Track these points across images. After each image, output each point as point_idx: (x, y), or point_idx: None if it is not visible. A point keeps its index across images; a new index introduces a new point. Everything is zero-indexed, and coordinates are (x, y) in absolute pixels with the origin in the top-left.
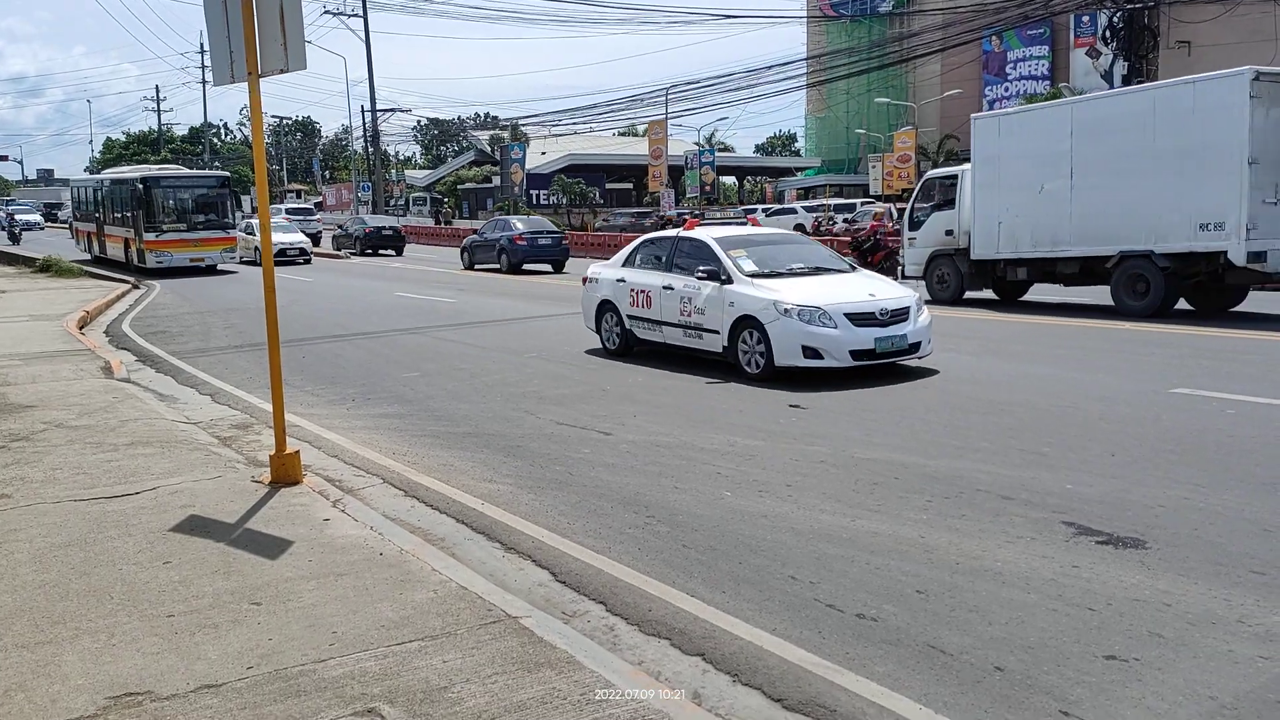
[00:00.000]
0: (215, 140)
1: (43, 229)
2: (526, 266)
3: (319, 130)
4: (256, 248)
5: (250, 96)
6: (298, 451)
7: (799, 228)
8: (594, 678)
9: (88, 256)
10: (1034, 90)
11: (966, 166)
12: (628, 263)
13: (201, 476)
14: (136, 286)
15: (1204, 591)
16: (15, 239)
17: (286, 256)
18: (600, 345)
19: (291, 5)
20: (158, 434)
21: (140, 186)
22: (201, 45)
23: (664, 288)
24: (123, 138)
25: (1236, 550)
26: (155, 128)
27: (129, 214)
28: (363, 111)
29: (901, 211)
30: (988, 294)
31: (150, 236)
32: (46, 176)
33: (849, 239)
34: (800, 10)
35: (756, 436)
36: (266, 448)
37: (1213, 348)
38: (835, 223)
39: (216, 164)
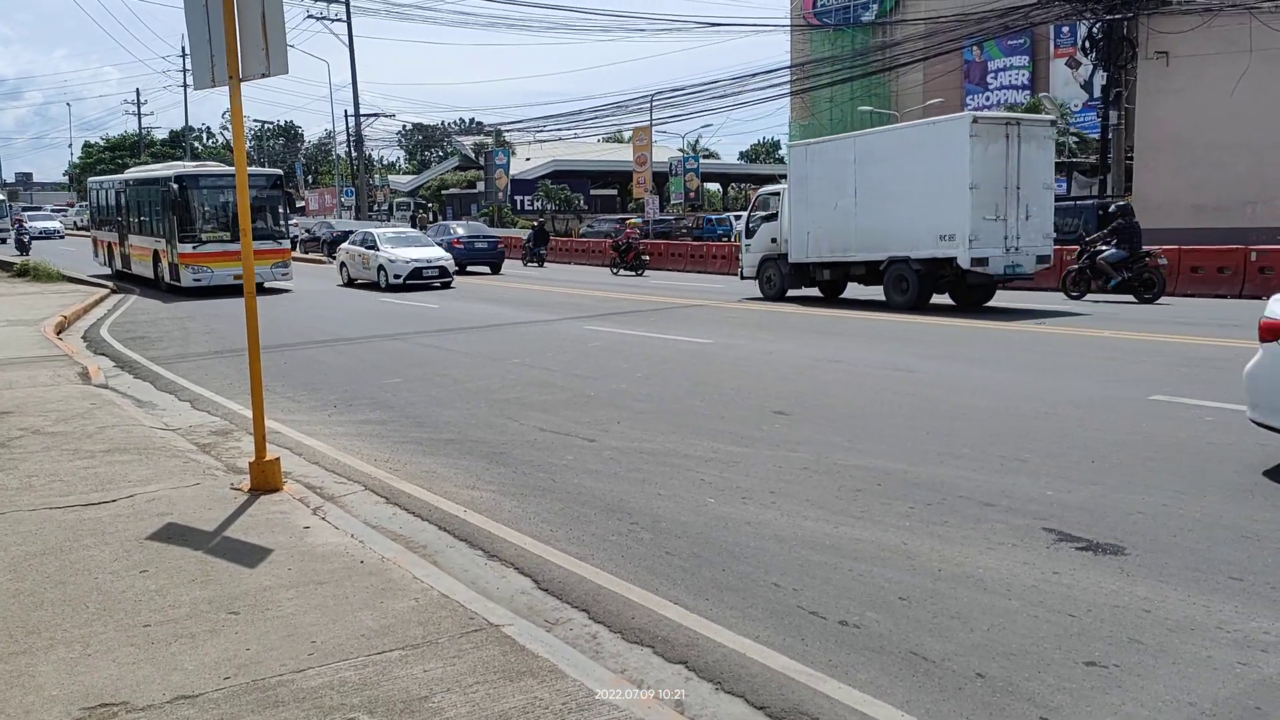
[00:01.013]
0: (197, 144)
1: (62, 238)
2: (470, 269)
3: (302, 135)
4: (381, 266)
5: (231, 100)
6: (278, 458)
7: None
8: (576, 686)
9: (108, 271)
10: (1015, 100)
11: (786, 185)
12: None
13: (180, 484)
14: (116, 291)
15: (1183, 598)
16: (24, 249)
17: (423, 278)
18: None
19: (273, 9)
20: (135, 440)
21: (174, 187)
22: (183, 48)
23: None
24: (102, 141)
25: (1215, 556)
26: (135, 131)
27: (159, 220)
28: (346, 116)
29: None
30: (811, 291)
31: (186, 248)
32: (25, 180)
33: (610, 242)
34: (784, 19)
35: (740, 443)
36: (246, 454)
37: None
38: None
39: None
